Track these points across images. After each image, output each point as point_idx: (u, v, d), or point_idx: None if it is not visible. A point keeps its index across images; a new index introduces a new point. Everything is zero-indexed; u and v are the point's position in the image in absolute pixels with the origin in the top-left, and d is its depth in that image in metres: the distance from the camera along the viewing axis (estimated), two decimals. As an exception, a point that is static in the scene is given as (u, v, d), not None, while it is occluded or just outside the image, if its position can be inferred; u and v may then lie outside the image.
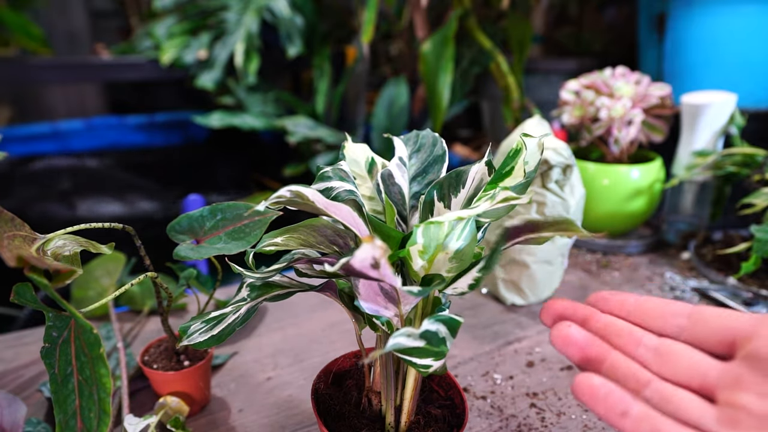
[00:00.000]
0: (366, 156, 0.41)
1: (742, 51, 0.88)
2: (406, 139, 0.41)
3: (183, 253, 0.38)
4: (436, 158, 0.39)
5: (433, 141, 0.39)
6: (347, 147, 0.41)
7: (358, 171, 0.40)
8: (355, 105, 1.59)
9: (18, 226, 0.32)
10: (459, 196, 0.35)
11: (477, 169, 0.35)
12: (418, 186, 0.38)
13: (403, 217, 0.38)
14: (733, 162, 0.75)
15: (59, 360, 0.32)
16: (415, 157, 0.39)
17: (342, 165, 0.37)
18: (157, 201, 1.65)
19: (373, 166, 0.40)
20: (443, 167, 0.38)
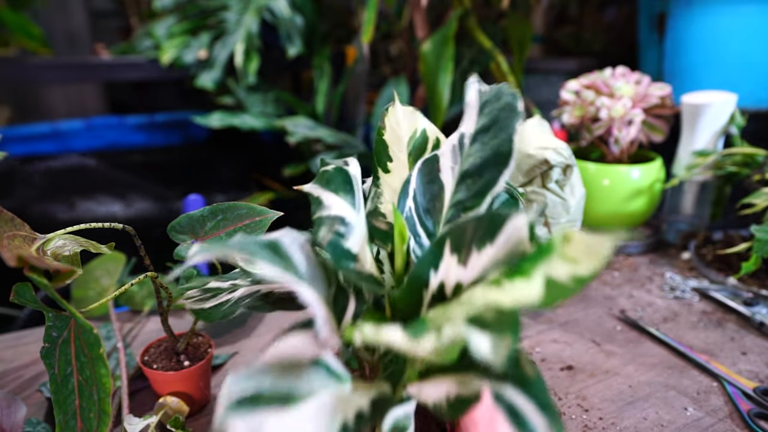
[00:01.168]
0: (413, 128, 0.31)
1: (743, 51, 0.88)
2: (482, 100, 0.28)
3: (183, 254, 0.38)
4: (500, 154, 0.26)
5: (509, 117, 0.26)
6: (390, 112, 0.31)
7: (396, 150, 0.31)
8: (355, 105, 1.59)
9: (18, 226, 0.32)
10: (483, 254, 0.23)
11: (518, 224, 0.22)
12: (466, 192, 0.27)
13: (431, 232, 0.28)
14: (734, 162, 0.75)
15: (59, 360, 0.32)
16: (479, 142, 0.27)
17: (351, 165, 0.30)
18: (158, 201, 1.65)
19: (419, 144, 0.31)
20: (506, 172, 0.26)
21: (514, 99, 0.27)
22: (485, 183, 0.26)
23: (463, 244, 0.23)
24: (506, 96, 0.27)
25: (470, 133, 0.28)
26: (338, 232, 0.26)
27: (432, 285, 0.24)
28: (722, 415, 0.48)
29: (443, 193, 0.28)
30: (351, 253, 0.27)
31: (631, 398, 0.50)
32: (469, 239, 0.23)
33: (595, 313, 0.65)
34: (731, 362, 0.55)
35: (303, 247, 0.25)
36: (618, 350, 0.58)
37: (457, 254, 0.23)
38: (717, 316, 0.64)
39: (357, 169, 0.30)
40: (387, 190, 0.31)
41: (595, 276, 0.19)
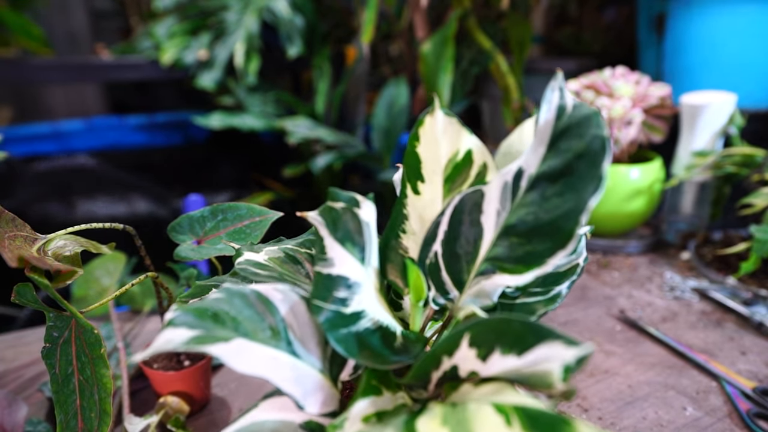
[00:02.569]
0: (455, 146, 0.25)
1: (742, 51, 0.88)
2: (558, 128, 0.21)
3: (184, 254, 0.38)
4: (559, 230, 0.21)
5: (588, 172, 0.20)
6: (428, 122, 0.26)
7: (431, 170, 0.26)
8: (355, 105, 1.59)
9: (19, 226, 0.33)
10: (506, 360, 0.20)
11: (551, 356, 0.19)
12: (507, 251, 0.23)
13: (459, 281, 0.24)
14: (733, 162, 0.75)
15: (60, 360, 0.32)
16: (539, 191, 0.22)
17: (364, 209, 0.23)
18: (158, 201, 1.65)
19: (460, 170, 0.25)
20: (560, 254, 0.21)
21: (603, 142, 0.20)
22: (531, 254, 0.22)
23: (484, 343, 0.21)
24: (593, 132, 0.20)
25: (530, 174, 0.22)
26: (337, 297, 0.23)
27: (444, 366, 0.22)
28: (721, 414, 0.48)
29: (481, 241, 0.24)
30: (356, 315, 0.23)
31: (631, 398, 0.50)
32: (493, 339, 0.20)
33: (595, 312, 0.66)
34: (730, 362, 0.55)
35: (294, 305, 0.23)
36: (617, 350, 0.58)
37: (477, 349, 0.21)
38: (716, 316, 0.64)
39: (371, 213, 0.24)
40: (414, 216, 0.27)
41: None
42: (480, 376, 0.21)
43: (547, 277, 0.26)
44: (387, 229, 0.28)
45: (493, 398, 0.20)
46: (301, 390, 0.22)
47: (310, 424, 0.21)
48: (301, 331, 0.23)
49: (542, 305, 0.26)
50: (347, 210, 0.23)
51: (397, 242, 0.27)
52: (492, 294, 0.24)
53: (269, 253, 0.30)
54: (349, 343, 0.22)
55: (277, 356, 0.21)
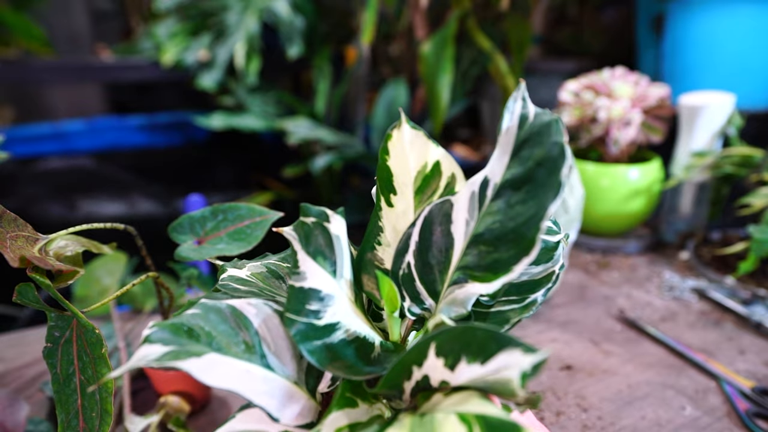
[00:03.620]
0: (423, 159, 0.26)
1: (741, 52, 0.88)
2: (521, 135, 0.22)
3: (184, 254, 0.38)
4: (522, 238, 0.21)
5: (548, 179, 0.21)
6: (395, 135, 0.27)
7: (401, 182, 0.27)
8: (355, 105, 1.60)
9: (21, 226, 0.33)
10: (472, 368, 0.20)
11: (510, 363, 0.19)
12: (476, 259, 0.23)
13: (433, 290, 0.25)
14: (731, 162, 0.75)
15: (61, 360, 0.32)
16: (504, 200, 0.22)
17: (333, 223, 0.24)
18: (159, 201, 1.66)
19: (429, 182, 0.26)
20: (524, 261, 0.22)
21: (561, 149, 0.20)
22: (497, 262, 0.22)
23: (451, 352, 0.21)
24: (552, 140, 0.21)
25: (495, 183, 0.23)
26: (309, 311, 0.23)
27: (415, 375, 0.23)
28: (720, 414, 0.48)
29: (452, 251, 0.24)
30: (329, 326, 0.24)
31: (630, 397, 0.50)
32: (459, 348, 0.21)
33: (594, 312, 0.66)
34: (729, 362, 0.56)
35: (268, 319, 0.23)
36: (617, 350, 0.58)
37: (444, 358, 0.21)
38: (715, 316, 0.65)
39: (341, 226, 0.25)
40: (388, 228, 0.28)
41: None
42: (450, 386, 0.22)
43: (522, 284, 0.27)
44: (363, 242, 0.28)
45: (459, 408, 0.20)
46: (275, 402, 0.22)
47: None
48: (275, 344, 0.23)
49: (517, 313, 0.27)
50: (318, 224, 0.24)
51: (372, 254, 0.28)
52: (466, 303, 0.24)
53: (252, 268, 0.30)
54: (322, 354, 0.23)
55: (250, 369, 0.22)
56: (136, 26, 2.07)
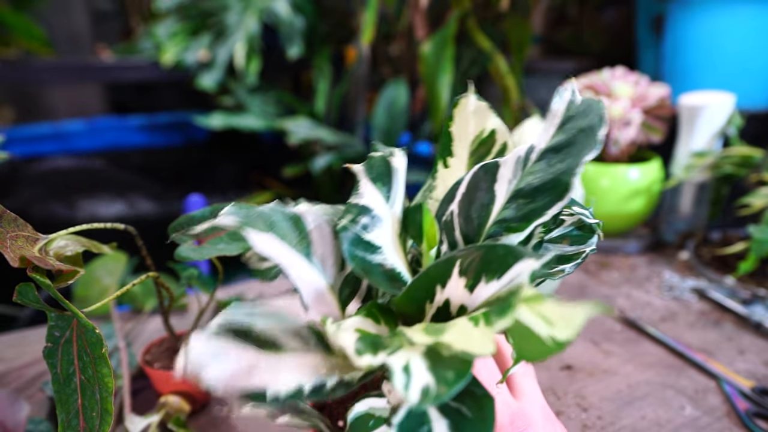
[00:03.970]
0: (481, 126, 0.28)
1: (740, 52, 0.88)
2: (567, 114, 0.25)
3: (184, 254, 0.39)
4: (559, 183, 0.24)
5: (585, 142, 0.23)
6: (461, 104, 0.29)
7: (459, 146, 0.29)
8: (355, 105, 1.60)
9: (21, 226, 0.33)
10: (489, 286, 0.22)
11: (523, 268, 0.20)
12: (514, 212, 0.25)
13: (470, 242, 0.27)
14: (731, 162, 0.75)
15: (61, 360, 0.32)
16: (545, 161, 0.25)
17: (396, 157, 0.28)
18: (159, 201, 1.66)
19: (483, 146, 0.28)
20: (559, 204, 0.24)
21: (600, 121, 0.23)
22: (534, 209, 0.24)
23: (472, 271, 0.22)
24: (594, 115, 0.24)
25: (540, 149, 0.25)
26: (360, 223, 0.26)
27: (438, 300, 0.24)
28: (720, 414, 0.48)
29: (492, 206, 0.25)
30: (372, 245, 0.26)
31: (630, 397, 0.50)
32: (480, 268, 0.22)
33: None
34: (729, 361, 0.56)
35: (322, 227, 0.26)
36: (616, 350, 0.58)
37: (465, 278, 0.22)
38: (715, 316, 0.65)
39: (402, 162, 0.28)
40: (441, 185, 0.30)
41: (570, 343, 0.19)
42: (468, 311, 0.23)
43: (559, 258, 0.29)
44: (417, 196, 0.31)
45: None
46: (310, 294, 0.25)
47: (312, 328, 0.24)
48: (322, 250, 0.26)
49: (546, 276, 0.29)
50: (383, 158, 0.28)
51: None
52: None
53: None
54: (360, 264, 0.25)
55: (298, 259, 0.24)
56: (136, 26, 2.07)
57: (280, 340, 0.22)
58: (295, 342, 0.22)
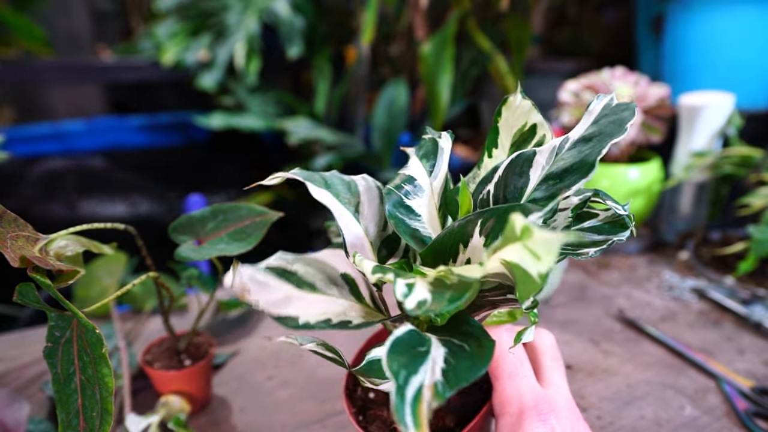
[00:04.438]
0: (524, 121, 0.31)
1: (740, 52, 0.88)
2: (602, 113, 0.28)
3: (185, 254, 0.39)
4: (585, 162, 0.26)
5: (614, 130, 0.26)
6: (510, 101, 0.32)
7: (504, 139, 0.32)
8: (355, 105, 1.60)
9: (21, 226, 0.33)
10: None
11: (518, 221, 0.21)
12: (543, 192, 0.27)
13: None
14: (731, 162, 0.75)
15: (62, 359, 0.32)
16: (577, 149, 0.27)
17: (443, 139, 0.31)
18: (159, 201, 1.66)
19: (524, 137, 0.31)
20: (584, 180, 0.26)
21: (631, 114, 0.26)
22: (559, 190, 0.26)
23: (488, 229, 0.24)
24: (624, 111, 0.27)
25: (573, 140, 0.27)
26: (404, 189, 0.29)
27: (460, 260, 0.26)
28: (719, 413, 0.48)
29: (525, 189, 0.27)
30: (412, 210, 0.29)
31: (629, 397, 0.50)
32: (498, 228, 0.23)
33: (594, 312, 0.66)
34: (728, 361, 0.56)
35: (371, 191, 0.30)
36: (616, 349, 0.58)
37: (485, 238, 0.24)
38: (714, 316, 0.65)
39: (448, 143, 0.32)
40: (483, 173, 0.32)
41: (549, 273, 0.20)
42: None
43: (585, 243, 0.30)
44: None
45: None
46: (352, 242, 0.28)
47: (347, 276, 0.28)
48: (368, 211, 0.29)
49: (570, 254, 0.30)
50: (432, 139, 0.31)
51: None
52: None
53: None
54: (402, 224, 0.28)
55: (347, 213, 0.28)
56: (136, 26, 2.07)
57: (317, 284, 0.27)
58: (331, 289, 0.27)
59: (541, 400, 0.29)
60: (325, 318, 0.26)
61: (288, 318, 0.26)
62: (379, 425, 0.32)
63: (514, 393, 0.29)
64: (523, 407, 0.28)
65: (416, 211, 0.29)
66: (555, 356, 0.33)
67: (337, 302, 0.27)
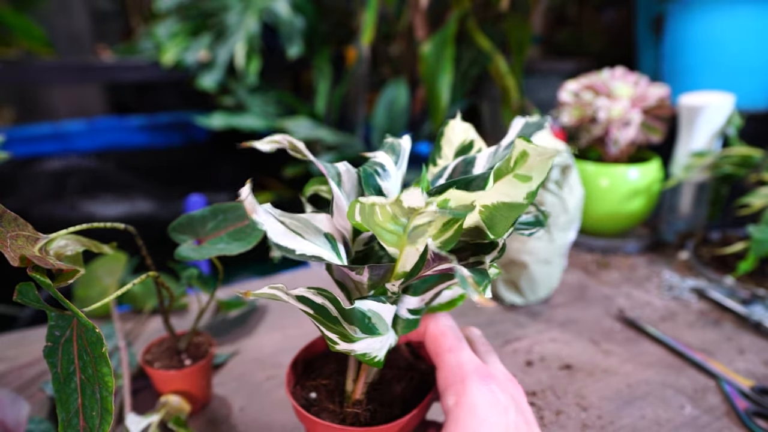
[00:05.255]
0: (464, 138, 0.38)
1: (740, 52, 0.88)
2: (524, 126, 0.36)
3: (184, 254, 0.39)
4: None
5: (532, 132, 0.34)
6: (450, 124, 0.39)
7: (447, 151, 0.38)
8: (356, 105, 1.60)
9: (21, 226, 0.33)
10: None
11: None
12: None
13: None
14: (731, 162, 0.75)
15: (62, 359, 0.32)
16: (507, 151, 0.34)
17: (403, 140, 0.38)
18: (159, 201, 1.66)
19: (465, 148, 0.38)
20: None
21: (539, 128, 0.33)
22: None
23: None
24: (541, 122, 0.35)
25: (504, 146, 0.34)
26: (376, 170, 0.35)
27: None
28: (719, 413, 0.48)
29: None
30: (381, 190, 0.35)
31: (629, 397, 0.50)
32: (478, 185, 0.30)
33: (594, 312, 0.66)
34: (728, 361, 0.56)
35: (350, 172, 0.34)
36: (616, 349, 0.58)
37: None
38: (714, 316, 0.65)
39: (407, 144, 0.38)
40: (429, 176, 0.39)
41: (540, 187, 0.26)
42: None
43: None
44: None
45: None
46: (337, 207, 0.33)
47: (328, 234, 0.33)
48: (348, 187, 0.34)
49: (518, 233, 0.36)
50: (395, 141, 0.38)
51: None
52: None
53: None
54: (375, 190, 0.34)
55: (334, 185, 0.33)
56: (137, 26, 2.07)
57: (305, 235, 0.31)
58: (318, 239, 0.32)
59: (481, 368, 0.31)
60: (317, 255, 0.30)
61: (286, 248, 0.29)
62: (328, 415, 0.34)
63: (455, 363, 0.31)
64: (464, 375, 0.31)
65: (383, 191, 0.35)
66: (485, 343, 0.36)
67: (324, 250, 0.31)
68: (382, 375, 0.37)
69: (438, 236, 0.28)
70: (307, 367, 0.40)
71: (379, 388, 0.36)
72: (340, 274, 0.34)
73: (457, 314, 0.65)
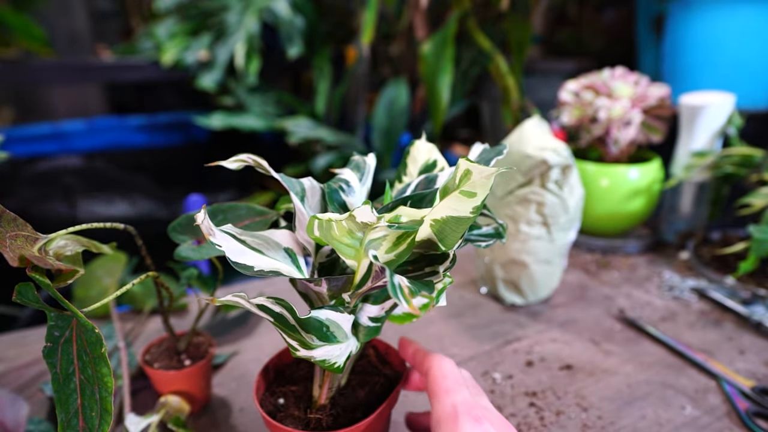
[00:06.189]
0: (428, 157, 0.41)
1: (741, 52, 0.88)
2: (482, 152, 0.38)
3: (184, 254, 0.38)
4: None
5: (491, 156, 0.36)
6: (415, 144, 0.41)
7: (412, 169, 0.41)
8: (356, 105, 1.60)
9: (20, 226, 0.33)
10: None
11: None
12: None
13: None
14: (731, 162, 0.75)
15: (61, 359, 0.32)
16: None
17: (368, 158, 0.40)
18: (159, 201, 1.66)
19: (429, 167, 0.40)
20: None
21: (497, 154, 0.35)
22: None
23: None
24: (500, 148, 0.36)
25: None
26: (340, 186, 0.37)
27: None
28: (720, 413, 0.48)
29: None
30: (346, 206, 0.36)
31: (630, 397, 0.50)
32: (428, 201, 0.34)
33: (594, 312, 0.66)
34: (729, 361, 0.56)
35: (314, 188, 0.36)
36: (616, 349, 0.58)
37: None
38: (715, 316, 0.65)
39: (372, 161, 0.41)
40: (394, 192, 0.41)
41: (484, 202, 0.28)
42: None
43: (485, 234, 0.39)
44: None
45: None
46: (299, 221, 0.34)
47: (288, 249, 0.35)
48: (311, 202, 0.36)
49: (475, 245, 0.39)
50: (360, 158, 0.40)
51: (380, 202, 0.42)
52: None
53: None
54: (338, 205, 0.36)
55: (297, 201, 0.34)
56: (136, 26, 2.07)
57: (265, 252, 0.33)
58: (278, 254, 0.34)
59: (476, 408, 0.31)
60: (275, 269, 0.32)
61: (245, 265, 0.31)
62: (292, 421, 0.36)
63: (450, 404, 0.32)
64: (457, 414, 0.31)
65: (347, 206, 0.36)
66: (475, 385, 0.36)
67: (284, 264, 0.33)
68: (348, 380, 0.39)
69: (392, 249, 0.30)
70: (280, 373, 0.41)
71: (344, 393, 0.38)
72: (302, 285, 0.35)
73: (456, 314, 0.65)
